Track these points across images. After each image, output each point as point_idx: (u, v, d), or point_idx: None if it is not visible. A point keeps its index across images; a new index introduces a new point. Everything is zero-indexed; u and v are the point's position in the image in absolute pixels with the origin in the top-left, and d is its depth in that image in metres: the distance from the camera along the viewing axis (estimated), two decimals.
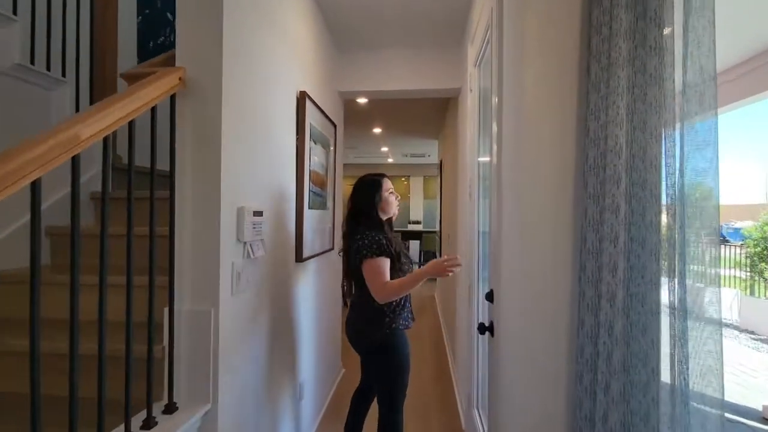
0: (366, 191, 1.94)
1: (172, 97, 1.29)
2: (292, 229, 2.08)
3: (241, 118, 1.45)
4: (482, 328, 1.65)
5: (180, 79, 1.29)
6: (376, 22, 2.81)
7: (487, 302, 1.66)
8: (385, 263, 1.78)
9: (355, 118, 5.42)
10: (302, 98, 2.11)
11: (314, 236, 2.39)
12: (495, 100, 1.59)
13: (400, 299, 1.86)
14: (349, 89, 3.20)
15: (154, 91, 1.19)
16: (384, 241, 1.80)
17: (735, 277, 5.80)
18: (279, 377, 1.92)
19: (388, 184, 1.97)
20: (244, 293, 1.50)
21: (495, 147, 1.57)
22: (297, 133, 2.12)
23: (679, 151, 0.62)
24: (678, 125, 0.63)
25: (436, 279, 7.96)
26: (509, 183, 1.41)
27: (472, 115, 2.42)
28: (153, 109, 1.22)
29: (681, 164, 0.62)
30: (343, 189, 3.40)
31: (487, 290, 1.66)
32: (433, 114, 5.21)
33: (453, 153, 3.83)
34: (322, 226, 2.60)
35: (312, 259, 2.40)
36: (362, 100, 4.41)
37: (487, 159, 2.03)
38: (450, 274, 1.74)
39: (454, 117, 3.71)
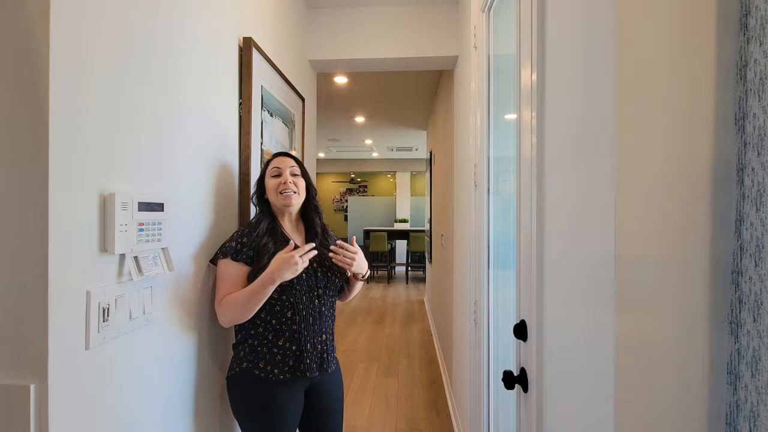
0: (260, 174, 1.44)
1: None
2: (232, 231, 1.48)
3: (101, 36, 0.86)
4: (510, 380, 1.08)
5: None
6: None
7: (516, 340, 1.09)
8: (232, 269, 1.25)
9: (335, 104, 4.82)
10: (247, 47, 1.51)
11: None
12: (531, 75, 0.99)
13: (264, 328, 1.27)
14: (322, 58, 2.61)
15: None
16: (238, 235, 1.29)
17: None
18: None
19: (274, 163, 1.37)
20: (125, 341, 0.90)
21: (534, 138, 0.98)
22: (240, 97, 1.52)
23: None
24: None
25: (424, 281, 7.26)
26: (566, 171, 0.85)
27: (479, 85, 1.84)
28: None
29: None
30: (325, 187, 2.79)
31: (516, 320, 1.10)
32: (421, 97, 4.65)
33: (447, 141, 3.26)
34: None
35: None
36: (341, 79, 3.83)
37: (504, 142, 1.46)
38: (297, 265, 1.18)
39: (447, 97, 3.14)
